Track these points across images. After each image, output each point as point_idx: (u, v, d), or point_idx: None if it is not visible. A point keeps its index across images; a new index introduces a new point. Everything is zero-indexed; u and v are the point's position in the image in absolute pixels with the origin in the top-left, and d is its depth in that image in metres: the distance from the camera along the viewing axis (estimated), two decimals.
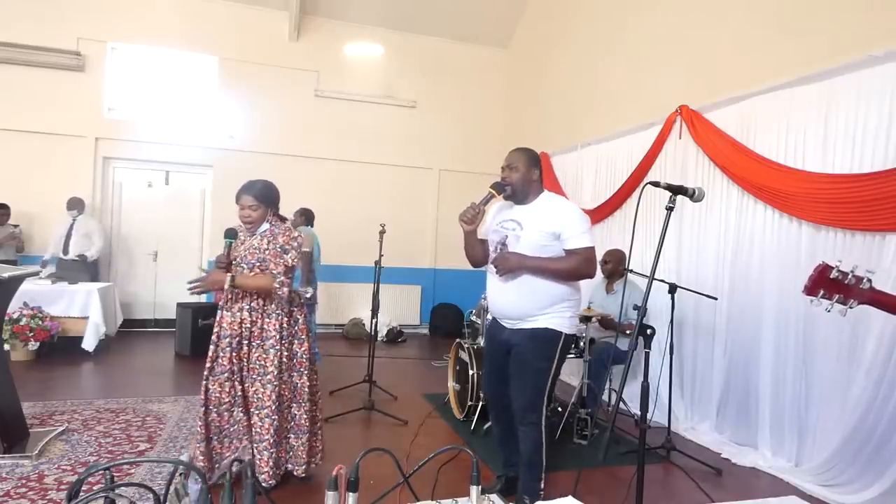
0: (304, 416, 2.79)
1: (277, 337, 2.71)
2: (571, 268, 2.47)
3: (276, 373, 2.68)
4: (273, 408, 2.65)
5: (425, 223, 8.05)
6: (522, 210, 2.60)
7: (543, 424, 2.53)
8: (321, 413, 2.99)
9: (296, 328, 2.80)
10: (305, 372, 2.80)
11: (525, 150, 2.67)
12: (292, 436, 2.79)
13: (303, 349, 2.80)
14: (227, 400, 2.69)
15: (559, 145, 6.35)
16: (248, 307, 2.70)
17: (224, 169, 6.96)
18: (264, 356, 2.69)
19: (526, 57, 7.71)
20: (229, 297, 2.72)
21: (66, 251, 6.02)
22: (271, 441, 2.65)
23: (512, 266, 2.49)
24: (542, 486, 2.57)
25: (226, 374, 2.67)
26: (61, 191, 6.36)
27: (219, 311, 2.75)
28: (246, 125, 7.21)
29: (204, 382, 2.68)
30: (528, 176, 2.58)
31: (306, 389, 2.79)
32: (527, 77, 7.63)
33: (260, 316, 2.71)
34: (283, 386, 2.72)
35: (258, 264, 2.69)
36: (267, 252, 2.69)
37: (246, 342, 2.69)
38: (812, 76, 3.36)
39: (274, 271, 2.67)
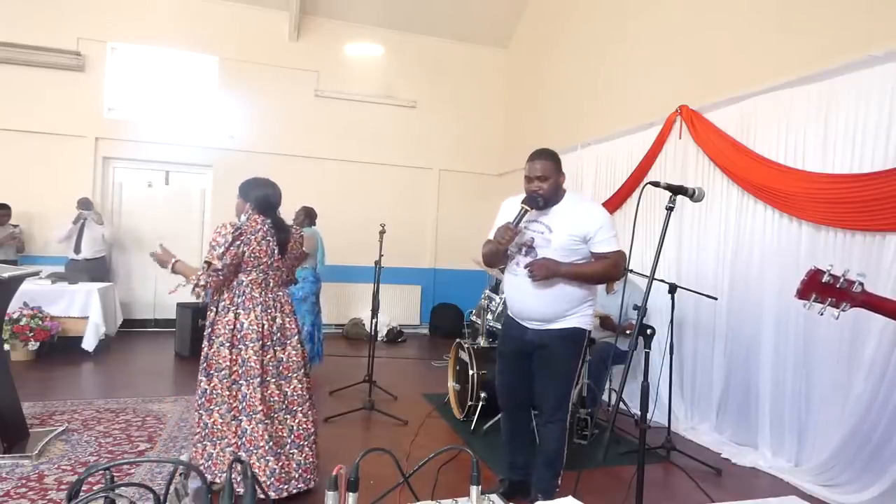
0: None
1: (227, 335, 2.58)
2: (602, 272, 2.52)
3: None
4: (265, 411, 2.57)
5: (425, 223, 8.05)
6: (550, 213, 2.52)
7: (566, 426, 2.57)
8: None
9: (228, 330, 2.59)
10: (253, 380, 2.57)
11: (551, 154, 2.52)
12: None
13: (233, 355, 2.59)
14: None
15: (559, 145, 6.26)
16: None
17: (224, 169, 6.97)
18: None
19: (526, 57, 7.71)
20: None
21: (77, 251, 6.04)
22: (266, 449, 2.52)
23: (550, 273, 2.44)
24: (560, 483, 2.57)
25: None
26: (61, 191, 6.37)
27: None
28: (246, 125, 7.21)
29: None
30: (557, 182, 2.50)
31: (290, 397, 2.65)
32: (527, 77, 7.63)
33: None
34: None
35: None
36: None
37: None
38: (812, 76, 3.36)
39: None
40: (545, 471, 2.58)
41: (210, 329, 2.62)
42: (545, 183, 2.46)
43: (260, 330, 2.59)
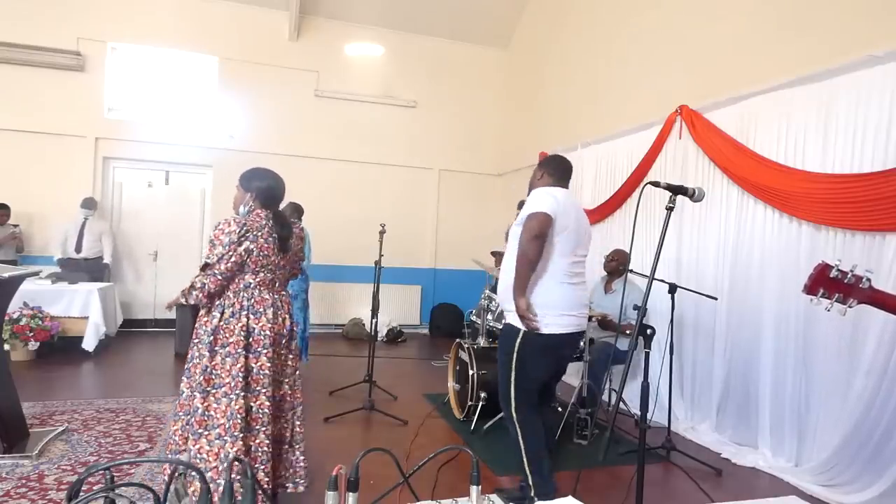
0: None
1: (208, 341, 2.33)
2: (517, 257, 2.42)
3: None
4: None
5: (425, 223, 8.05)
6: None
7: (517, 422, 2.46)
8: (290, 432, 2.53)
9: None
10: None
11: (546, 159, 2.80)
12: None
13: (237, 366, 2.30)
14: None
15: (559, 145, 6.33)
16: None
17: (224, 169, 6.96)
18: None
19: (526, 57, 7.71)
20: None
21: (78, 250, 6.06)
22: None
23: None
24: (532, 492, 2.43)
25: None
26: (61, 191, 6.37)
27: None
28: (246, 125, 7.21)
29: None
30: (532, 181, 2.74)
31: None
32: (527, 77, 7.63)
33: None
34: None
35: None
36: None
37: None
38: (812, 76, 3.36)
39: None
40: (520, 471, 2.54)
41: (212, 337, 2.31)
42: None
43: (272, 335, 2.39)
